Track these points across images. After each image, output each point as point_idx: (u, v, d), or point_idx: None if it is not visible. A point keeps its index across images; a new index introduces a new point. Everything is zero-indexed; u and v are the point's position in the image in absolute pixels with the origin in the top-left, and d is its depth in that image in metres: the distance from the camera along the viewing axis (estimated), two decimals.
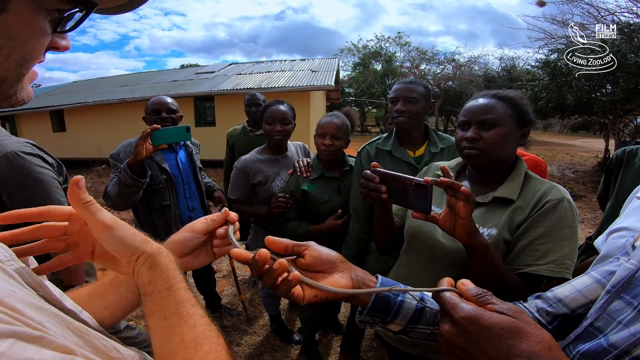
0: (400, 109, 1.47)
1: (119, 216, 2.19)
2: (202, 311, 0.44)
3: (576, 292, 0.64)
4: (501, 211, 0.92)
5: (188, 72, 14.58)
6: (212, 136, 9.19)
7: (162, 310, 0.42)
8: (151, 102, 1.84)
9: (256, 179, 1.82)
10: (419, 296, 0.62)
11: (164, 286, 0.43)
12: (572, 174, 8.97)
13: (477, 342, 0.41)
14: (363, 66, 24.48)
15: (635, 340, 0.47)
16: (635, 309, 0.51)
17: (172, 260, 0.47)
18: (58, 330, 0.35)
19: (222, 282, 3.18)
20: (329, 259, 0.58)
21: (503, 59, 20.76)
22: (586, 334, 0.56)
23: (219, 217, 0.61)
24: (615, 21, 8.55)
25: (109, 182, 1.68)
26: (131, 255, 0.45)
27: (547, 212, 0.88)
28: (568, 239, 0.86)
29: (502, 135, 0.91)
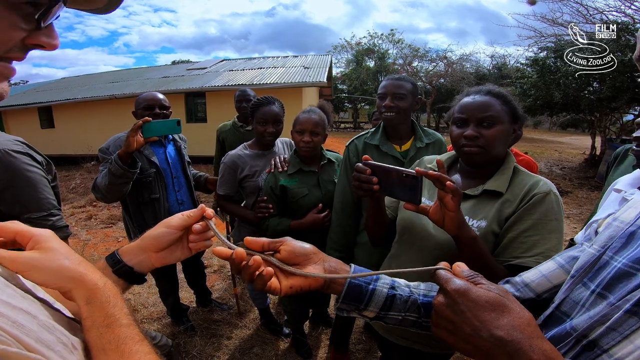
0: (388, 104, 1.51)
1: (108, 212, 2.20)
2: (149, 348, 0.43)
3: (542, 277, 0.67)
4: (490, 204, 0.95)
5: (179, 69, 14.42)
6: (203, 132, 9.13)
7: (101, 346, 0.41)
8: (143, 98, 1.85)
9: (243, 172, 1.84)
10: (389, 284, 0.65)
11: (102, 323, 0.42)
12: (560, 170, 9.14)
13: (463, 313, 0.44)
14: (356, 63, 24.49)
15: (592, 323, 0.49)
16: (594, 293, 0.53)
17: (115, 294, 0.45)
18: (34, 327, 0.36)
19: (213, 277, 3.19)
20: (302, 252, 0.60)
21: (494, 56, 20.98)
22: (554, 318, 0.59)
23: (196, 212, 0.62)
24: (604, 20, 8.69)
25: (98, 174, 1.68)
26: (59, 287, 0.43)
27: (535, 205, 0.90)
28: (554, 232, 0.89)
29: (501, 132, 0.94)
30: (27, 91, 13.37)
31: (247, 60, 14.66)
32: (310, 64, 12.11)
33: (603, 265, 0.55)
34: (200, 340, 2.25)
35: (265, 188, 1.71)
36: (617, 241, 0.54)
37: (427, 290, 0.67)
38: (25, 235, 0.45)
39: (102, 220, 4.98)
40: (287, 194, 1.67)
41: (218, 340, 2.27)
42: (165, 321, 2.46)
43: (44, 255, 0.43)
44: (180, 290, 2.39)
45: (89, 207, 5.61)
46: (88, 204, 5.76)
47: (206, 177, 2.20)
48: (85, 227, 4.80)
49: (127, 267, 0.58)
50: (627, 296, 0.48)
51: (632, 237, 0.53)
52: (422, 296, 0.66)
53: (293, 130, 1.67)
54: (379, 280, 0.65)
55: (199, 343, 2.23)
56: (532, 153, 12.07)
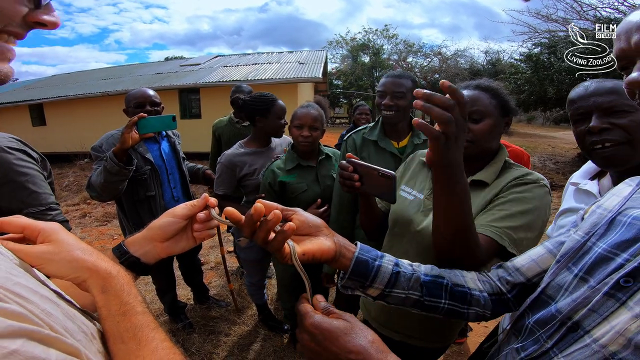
0: (387, 103, 1.51)
1: (102, 210, 2.18)
2: (163, 335, 0.44)
3: (531, 262, 0.69)
4: (476, 195, 0.94)
5: (172, 65, 14.30)
6: (198, 128, 9.07)
7: (119, 335, 0.41)
8: (133, 95, 1.82)
9: (243, 172, 1.83)
10: (394, 261, 0.66)
11: (118, 311, 0.42)
12: (553, 165, 9.25)
13: (322, 342, 0.49)
14: (351, 58, 24.44)
15: (575, 306, 0.52)
16: (577, 277, 0.56)
17: (129, 282, 0.46)
18: (59, 316, 0.37)
19: (210, 273, 3.19)
20: (315, 224, 0.62)
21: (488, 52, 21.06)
22: (540, 302, 0.61)
23: (199, 202, 0.62)
24: (597, 16, 8.76)
25: (93, 172, 1.66)
26: (74, 278, 0.44)
27: (519, 185, 0.89)
28: (524, 214, 0.84)
29: (490, 126, 0.92)
30: (17, 89, 13.14)
31: (242, 56, 14.58)
32: (305, 59, 12.07)
33: (586, 251, 0.57)
34: (198, 338, 2.26)
35: (263, 185, 1.69)
36: (600, 228, 0.57)
37: (427, 270, 0.69)
38: (33, 229, 0.46)
39: (97, 218, 4.94)
40: (286, 190, 1.67)
41: (216, 337, 2.28)
42: (162, 319, 2.45)
43: (56, 247, 0.44)
44: (177, 288, 2.39)
45: (83, 205, 5.56)
46: (82, 202, 5.70)
47: (204, 170, 2.19)
48: (79, 225, 4.75)
49: (134, 257, 0.58)
50: (606, 279, 0.50)
51: (612, 223, 0.56)
52: (424, 274, 0.67)
53: (291, 125, 1.67)
54: (384, 258, 0.66)
55: (198, 340, 2.23)
56: (526, 148, 12.18)
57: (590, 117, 0.86)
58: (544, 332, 0.55)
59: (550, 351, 0.53)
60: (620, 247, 0.52)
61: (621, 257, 0.51)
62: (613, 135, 0.82)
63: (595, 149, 0.86)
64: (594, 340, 0.48)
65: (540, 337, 0.56)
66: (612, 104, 0.82)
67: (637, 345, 0.43)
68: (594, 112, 0.85)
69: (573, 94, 0.92)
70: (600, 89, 0.84)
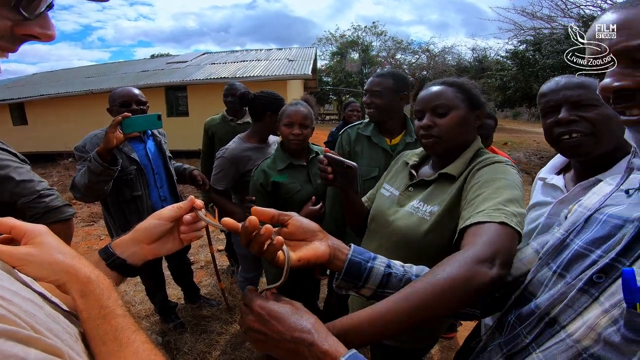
0: (366, 101, 1.60)
1: (88, 210, 2.14)
2: (145, 337, 0.44)
3: (518, 262, 0.70)
4: (445, 189, 0.93)
5: (159, 62, 14.08)
6: (185, 126, 8.96)
7: (99, 337, 0.42)
8: (118, 94, 1.79)
9: (246, 167, 1.82)
10: (385, 263, 0.68)
11: (98, 315, 0.43)
12: (538, 160, 9.44)
13: (269, 323, 0.50)
14: (340, 55, 24.42)
15: (552, 301, 0.53)
16: (555, 273, 0.57)
17: (109, 286, 0.46)
18: (42, 317, 0.37)
19: (200, 273, 3.17)
20: (309, 228, 0.64)
21: (475, 49, 21.32)
22: (522, 298, 0.62)
23: (186, 204, 0.63)
24: (581, 14, 8.97)
25: (76, 173, 1.63)
26: (53, 281, 0.44)
27: (480, 169, 0.87)
28: (505, 188, 0.79)
29: (456, 119, 0.92)
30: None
31: (230, 53, 14.42)
32: (294, 56, 12.01)
33: (565, 248, 0.58)
34: (190, 337, 2.24)
35: (254, 185, 1.65)
36: (578, 225, 0.58)
37: (419, 271, 0.70)
38: (19, 230, 0.46)
39: (83, 219, 4.84)
40: (280, 190, 1.64)
41: (209, 336, 2.27)
42: (153, 319, 2.43)
43: (38, 249, 0.44)
44: (167, 288, 2.37)
45: None
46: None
47: (191, 170, 2.16)
48: None
49: (120, 259, 0.59)
50: (580, 275, 0.52)
51: (589, 221, 0.57)
52: (415, 276, 0.68)
53: (281, 124, 1.63)
54: (376, 260, 0.67)
55: (190, 340, 2.22)
56: (512, 143, 12.43)
57: (560, 109, 0.89)
58: (523, 328, 0.56)
59: (530, 346, 0.54)
60: (595, 243, 0.53)
61: (595, 253, 0.52)
62: (580, 126, 0.86)
63: (563, 139, 0.89)
64: (569, 335, 0.49)
65: (520, 333, 0.57)
66: (581, 98, 0.86)
67: (606, 340, 0.44)
68: (563, 104, 0.88)
69: (544, 88, 0.95)
70: (570, 84, 0.88)
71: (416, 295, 0.57)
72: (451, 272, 0.59)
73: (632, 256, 0.47)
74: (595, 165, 0.90)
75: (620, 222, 0.52)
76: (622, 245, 0.48)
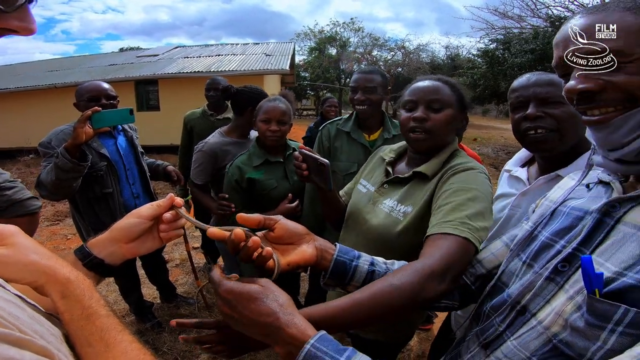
0: (360, 98, 1.60)
1: (52, 208, 2.05)
2: (131, 337, 0.43)
3: (490, 255, 0.75)
4: (420, 189, 0.93)
5: (128, 56, 13.52)
6: (156, 121, 8.66)
7: (84, 338, 0.41)
8: (86, 89, 1.71)
9: (225, 162, 1.79)
10: (369, 261, 0.70)
11: (81, 316, 0.41)
12: (506, 155, 9.87)
13: (236, 307, 0.50)
14: (319, 51, 24.36)
15: (522, 290, 0.56)
16: (524, 264, 0.61)
17: (89, 286, 0.45)
18: (26, 319, 0.36)
19: (176, 271, 3.09)
20: (296, 232, 0.65)
21: (449, 47, 21.92)
22: (496, 289, 0.66)
23: (165, 202, 0.62)
24: (549, 14, 9.41)
25: (42, 170, 1.55)
26: (30, 283, 0.43)
27: (453, 175, 0.87)
28: (475, 200, 0.80)
29: (449, 117, 0.92)
30: None
31: (204, 47, 14.02)
32: (272, 51, 11.85)
33: (533, 239, 0.62)
34: (169, 337, 2.19)
35: (229, 182, 1.61)
36: (545, 217, 0.63)
37: (400, 266, 0.72)
38: None
39: (47, 218, 4.58)
40: (256, 187, 1.61)
41: (188, 334, 2.22)
42: (129, 319, 2.36)
43: (12, 250, 0.43)
44: (142, 287, 2.30)
45: None
46: None
47: (165, 166, 2.11)
48: None
49: (98, 259, 0.57)
50: (547, 264, 0.55)
51: (554, 213, 0.62)
52: None
53: (257, 120, 1.60)
54: (360, 258, 0.70)
55: (168, 339, 2.17)
56: (481, 139, 12.92)
57: (528, 105, 0.92)
58: (497, 316, 0.60)
59: (504, 334, 0.57)
60: (559, 234, 0.57)
61: (559, 243, 0.56)
62: (545, 123, 0.89)
63: (529, 134, 0.93)
64: (539, 322, 0.52)
65: (494, 322, 0.60)
66: (549, 95, 0.89)
67: (572, 326, 0.47)
68: (531, 100, 0.91)
69: (516, 84, 0.98)
70: (540, 81, 0.92)
71: (372, 297, 0.62)
72: (404, 282, 0.64)
73: (592, 245, 0.50)
74: (557, 160, 0.94)
75: (581, 213, 0.56)
76: (582, 236, 0.52)
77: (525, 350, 0.52)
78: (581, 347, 0.46)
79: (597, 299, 0.44)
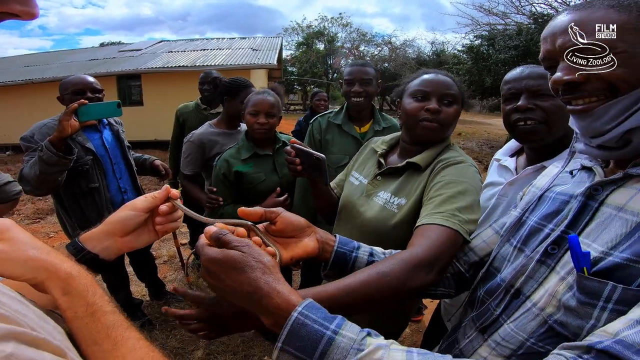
0: (357, 90, 1.62)
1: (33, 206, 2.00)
2: (138, 334, 0.41)
3: (482, 242, 0.77)
4: (413, 181, 0.94)
5: (110, 50, 13.18)
6: (139, 116, 8.46)
7: (90, 336, 0.39)
8: (71, 82, 1.68)
9: (213, 152, 1.82)
10: (368, 251, 0.71)
11: (85, 313, 0.40)
12: (489, 149, 10.10)
13: (219, 277, 0.48)
14: (306, 45, 24.21)
15: (515, 274, 0.59)
16: (515, 248, 0.63)
17: (92, 282, 0.43)
18: (33, 317, 0.35)
19: (164, 268, 3.05)
20: (298, 225, 0.64)
21: (434, 43, 22.12)
22: (489, 274, 0.68)
23: (161, 194, 0.60)
24: (533, 12, 9.60)
25: (24, 165, 1.50)
26: (30, 279, 0.41)
27: (445, 168, 0.90)
28: (465, 193, 0.82)
29: (457, 112, 0.95)
30: None
31: (189, 42, 13.72)
32: (259, 46, 11.71)
33: (522, 224, 0.65)
34: (160, 334, 2.17)
35: (217, 175, 1.61)
36: (532, 203, 0.65)
37: (390, 255, 0.73)
38: None
39: (27, 216, 4.44)
40: (243, 180, 1.60)
41: (179, 331, 2.20)
42: None
43: (9, 245, 0.40)
44: (130, 284, 2.26)
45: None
46: None
47: (152, 160, 2.07)
48: None
49: (92, 254, 0.55)
50: (537, 248, 0.58)
51: (541, 199, 0.65)
52: None
53: (246, 112, 1.58)
54: (360, 249, 0.71)
55: (160, 336, 2.15)
56: (465, 133, 13.16)
57: (520, 97, 0.95)
58: (492, 301, 0.62)
59: (500, 318, 0.59)
60: (547, 218, 0.60)
61: (548, 227, 0.58)
62: (535, 114, 0.92)
63: (518, 125, 0.96)
64: (534, 304, 0.54)
65: (490, 306, 0.62)
66: (540, 88, 0.91)
67: (565, 306, 0.49)
68: (523, 93, 0.94)
69: (508, 76, 1.01)
70: (532, 74, 0.94)
71: (362, 284, 0.62)
72: (393, 270, 0.64)
73: (579, 227, 0.53)
74: (545, 151, 0.98)
75: (567, 198, 0.59)
76: (569, 219, 0.55)
77: (523, 332, 0.54)
78: (575, 326, 0.48)
79: (585, 276, 0.46)
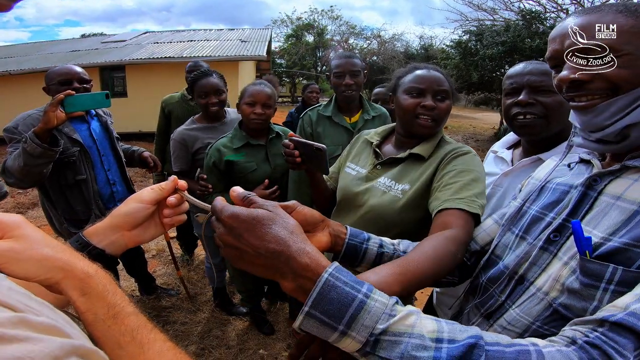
0: (348, 82, 1.65)
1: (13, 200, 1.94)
2: (163, 336, 0.40)
3: (483, 232, 0.80)
4: (415, 168, 0.99)
5: (92, 42, 12.77)
6: (123, 107, 8.24)
7: (114, 340, 0.37)
8: (57, 72, 1.63)
9: (195, 147, 1.83)
10: (378, 243, 0.72)
11: (107, 315, 0.38)
12: (475, 143, 10.29)
13: (241, 236, 0.44)
14: (296, 38, 23.98)
15: (519, 261, 0.61)
16: (517, 236, 0.66)
17: (110, 281, 0.41)
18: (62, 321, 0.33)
19: (153, 262, 3.00)
20: (313, 219, 0.63)
21: (423, 37, 22.24)
22: (490, 262, 0.71)
23: (168, 185, 0.58)
24: (521, 8, 9.73)
25: (7, 157, 1.45)
26: (44, 280, 0.38)
27: (455, 158, 0.95)
28: (477, 181, 0.89)
29: (450, 107, 1.00)
30: None
31: (175, 33, 13.37)
32: (247, 37, 11.51)
33: (523, 214, 0.68)
34: None
35: (207, 163, 1.64)
36: (533, 194, 0.68)
37: (405, 247, 0.75)
38: None
39: (8, 210, 4.27)
40: (234, 169, 1.63)
41: (172, 327, 2.18)
42: None
43: (22, 243, 0.38)
44: (120, 279, 2.22)
45: None
46: None
47: (141, 152, 2.03)
48: None
49: (98, 249, 0.53)
50: (540, 235, 0.61)
51: (542, 190, 0.68)
52: (403, 252, 0.73)
53: (242, 103, 1.61)
54: (370, 240, 0.71)
55: None
56: (452, 127, 13.34)
57: (521, 92, 0.97)
58: (496, 288, 0.64)
59: (505, 303, 0.61)
60: (548, 208, 0.63)
61: (549, 216, 0.61)
62: (535, 109, 0.95)
63: (518, 118, 0.98)
64: (538, 289, 0.56)
65: (494, 293, 0.64)
66: (542, 84, 0.94)
67: (569, 289, 0.52)
68: (525, 88, 0.97)
69: (511, 71, 1.03)
70: (535, 70, 0.97)
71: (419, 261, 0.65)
72: (445, 246, 0.70)
73: (579, 215, 0.56)
74: (542, 145, 1.01)
75: (567, 188, 0.62)
76: (570, 207, 0.58)
77: (528, 316, 0.56)
78: (579, 308, 0.50)
79: (588, 259, 0.49)
